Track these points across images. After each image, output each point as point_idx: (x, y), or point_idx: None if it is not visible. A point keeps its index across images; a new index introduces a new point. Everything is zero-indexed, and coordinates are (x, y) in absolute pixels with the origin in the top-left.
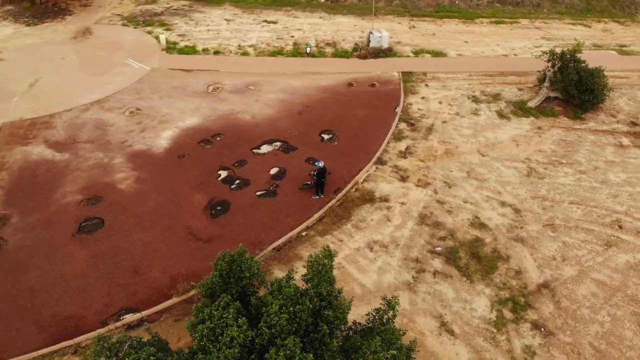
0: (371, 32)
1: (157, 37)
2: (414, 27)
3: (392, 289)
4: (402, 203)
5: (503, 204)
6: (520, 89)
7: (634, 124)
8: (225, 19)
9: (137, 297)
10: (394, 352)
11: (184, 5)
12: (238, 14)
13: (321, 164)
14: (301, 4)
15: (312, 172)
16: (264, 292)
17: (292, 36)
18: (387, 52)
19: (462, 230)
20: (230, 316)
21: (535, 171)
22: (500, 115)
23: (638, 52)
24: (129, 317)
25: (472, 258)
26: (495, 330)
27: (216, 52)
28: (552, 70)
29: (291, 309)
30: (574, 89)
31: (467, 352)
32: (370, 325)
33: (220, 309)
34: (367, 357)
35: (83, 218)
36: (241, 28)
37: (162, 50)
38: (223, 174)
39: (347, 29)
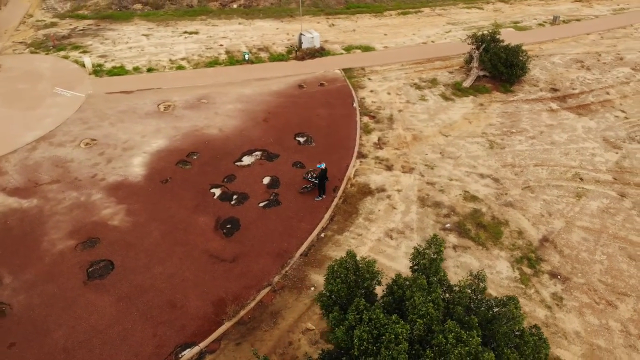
0: (302, 34)
1: (77, 61)
2: (333, 25)
3: None
4: (398, 190)
5: (482, 175)
6: (450, 72)
7: (554, 89)
8: (143, 35)
9: (187, 330)
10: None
11: (89, 25)
12: (153, 28)
13: (323, 166)
14: (214, 12)
15: (311, 174)
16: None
17: (221, 45)
18: (321, 52)
19: (460, 205)
20: (381, 315)
21: (495, 143)
22: (445, 97)
23: (530, 26)
24: (188, 353)
25: (478, 228)
26: (523, 286)
27: (149, 70)
28: (478, 51)
29: (429, 297)
30: (502, 66)
31: None
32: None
33: (368, 311)
34: (504, 325)
35: (87, 263)
36: (164, 42)
37: (90, 74)
38: (217, 191)
39: (271, 32)
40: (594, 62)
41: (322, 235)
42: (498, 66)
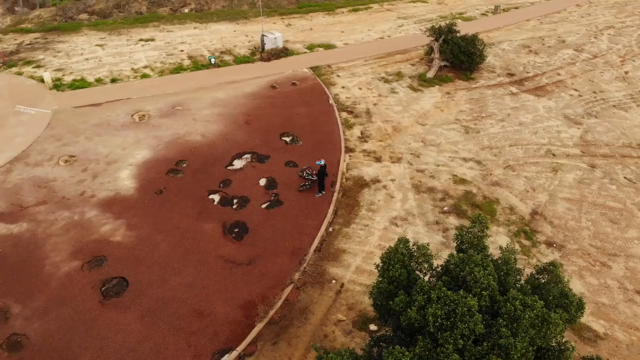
0: (264, 35)
1: (33, 77)
2: (289, 24)
3: (435, 251)
4: (392, 180)
5: (465, 159)
6: (412, 65)
7: (510, 74)
8: (97, 45)
9: (221, 336)
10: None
11: (36, 39)
12: (105, 37)
13: (322, 162)
14: (165, 17)
15: (307, 172)
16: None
17: (182, 50)
18: (285, 52)
19: (452, 189)
20: (449, 292)
21: (470, 128)
22: (413, 89)
23: (474, 17)
24: (227, 359)
25: (473, 208)
26: (526, 257)
27: (113, 80)
28: (437, 43)
29: (485, 271)
30: (462, 55)
31: None
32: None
33: (434, 290)
34: (553, 288)
35: (99, 282)
36: (121, 51)
37: (50, 89)
38: (216, 197)
39: (229, 35)
40: (540, 47)
41: (330, 229)
42: (459, 55)
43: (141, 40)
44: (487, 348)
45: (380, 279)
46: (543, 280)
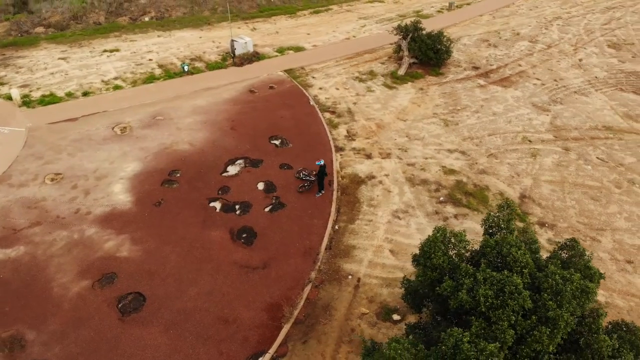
0: (234, 40)
1: None
2: (254, 29)
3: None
4: (386, 175)
5: (450, 151)
6: (382, 63)
7: (475, 68)
8: (60, 58)
9: (251, 341)
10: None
11: None
12: (67, 50)
13: (322, 162)
14: (126, 27)
15: (304, 173)
16: None
17: (151, 59)
18: (257, 56)
19: (443, 179)
20: (494, 273)
21: (448, 121)
22: (388, 87)
23: (431, 14)
24: None
25: (467, 196)
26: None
27: (85, 94)
28: (405, 41)
29: (521, 251)
30: (430, 52)
31: None
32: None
33: (480, 273)
34: (580, 261)
35: (115, 299)
36: (87, 63)
37: (20, 106)
38: (217, 205)
39: (196, 42)
40: (497, 40)
41: (337, 227)
42: (427, 52)
43: (105, 51)
44: (535, 321)
45: (422, 269)
46: (565, 255)
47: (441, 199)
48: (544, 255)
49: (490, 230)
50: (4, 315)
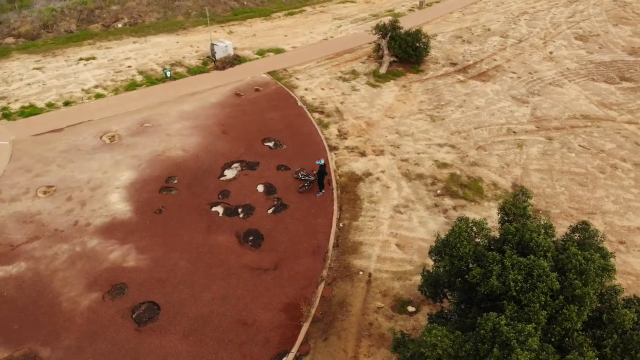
0: (214, 44)
1: None
2: (231, 32)
3: (442, 232)
4: (382, 171)
5: (440, 145)
6: (363, 62)
7: (453, 64)
8: (35, 68)
9: (272, 342)
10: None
11: None
12: (40, 60)
13: (322, 162)
14: (99, 34)
15: (302, 173)
16: None
17: (130, 66)
18: (238, 59)
19: (437, 172)
20: (521, 259)
21: (434, 116)
22: (372, 85)
23: (403, 13)
24: None
25: (462, 188)
26: None
27: (67, 103)
28: (385, 40)
29: (541, 236)
30: (410, 50)
31: None
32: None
33: (507, 259)
34: (594, 241)
35: (128, 310)
36: (64, 72)
37: None
38: (219, 209)
39: (173, 47)
40: (470, 36)
41: (341, 225)
42: (407, 50)
43: (81, 59)
44: (563, 300)
45: (448, 259)
46: (577, 237)
47: (438, 192)
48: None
49: (507, 218)
50: (14, 334)
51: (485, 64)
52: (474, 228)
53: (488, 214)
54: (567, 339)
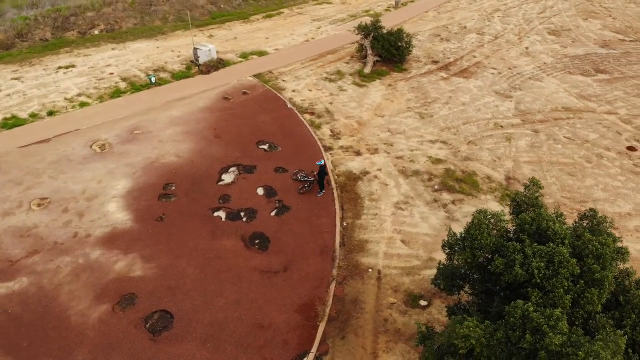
0: (197, 48)
1: None
2: (211, 35)
3: (444, 226)
4: (379, 169)
5: (432, 141)
6: (346, 63)
7: (434, 62)
8: (13, 79)
9: (291, 343)
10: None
11: None
12: (18, 69)
13: (322, 162)
14: (75, 42)
15: (301, 174)
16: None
17: (112, 73)
18: (222, 63)
19: (433, 168)
20: (541, 247)
21: (423, 113)
22: (358, 85)
23: (380, 13)
24: None
25: (458, 182)
26: None
27: (50, 113)
28: (368, 40)
29: (557, 224)
30: (393, 49)
31: None
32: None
33: (527, 247)
34: (604, 226)
35: (141, 320)
36: (44, 82)
37: None
38: (221, 214)
39: (154, 52)
40: (448, 34)
41: (345, 224)
42: (390, 49)
43: (60, 67)
44: (583, 285)
45: (469, 251)
46: (585, 224)
47: (435, 187)
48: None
49: (520, 208)
50: (24, 351)
51: (465, 61)
52: (492, 220)
53: (486, 207)
54: (590, 321)
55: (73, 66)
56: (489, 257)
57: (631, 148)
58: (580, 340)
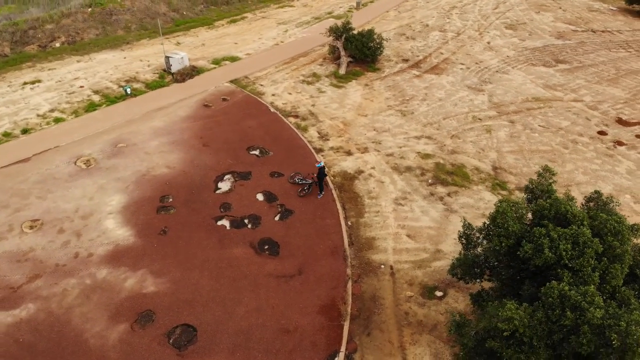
0: (168, 56)
1: None
2: (179, 43)
3: (445, 218)
4: (372, 168)
5: (417, 137)
6: (320, 64)
7: (405, 60)
8: None
9: (319, 344)
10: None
11: None
12: None
13: (321, 164)
14: (37, 55)
15: (298, 177)
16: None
17: (82, 87)
18: (196, 70)
19: (424, 163)
20: (565, 229)
21: (404, 111)
22: (336, 86)
23: (342, 14)
24: None
25: (450, 175)
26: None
27: (24, 131)
28: (340, 41)
29: (574, 207)
30: (365, 49)
31: None
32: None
33: (552, 231)
34: (609, 209)
35: (163, 336)
36: (12, 99)
37: None
38: (225, 223)
39: (122, 63)
40: (412, 33)
41: (349, 223)
42: (363, 50)
43: (26, 83)
44: (607, 261)
45: (497, 238)
46: (592, 205)
47: (430, 181)
48: None
49: (535, 195)
50: None
51: (434, 58)
52: (513, 208)
53: (480, 197)
54: (616, 294)
55: (39, 81)
56: (516, 243)
57: (602, 132)
58: (617, 312)
